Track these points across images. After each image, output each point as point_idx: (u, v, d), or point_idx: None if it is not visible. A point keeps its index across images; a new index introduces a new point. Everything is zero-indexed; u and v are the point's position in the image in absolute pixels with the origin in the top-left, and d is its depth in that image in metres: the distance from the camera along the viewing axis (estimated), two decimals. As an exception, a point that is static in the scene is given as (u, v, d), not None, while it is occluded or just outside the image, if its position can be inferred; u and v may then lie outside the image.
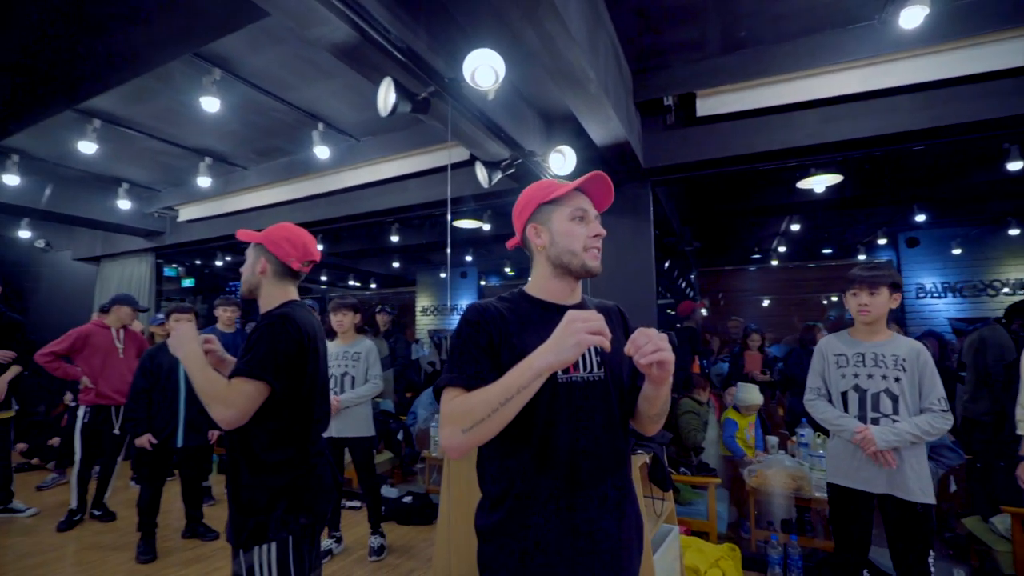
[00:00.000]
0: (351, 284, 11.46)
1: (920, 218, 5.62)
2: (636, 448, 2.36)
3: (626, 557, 1.06)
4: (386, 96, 1.86)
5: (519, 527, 1.00)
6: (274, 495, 1.42)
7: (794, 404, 4.60)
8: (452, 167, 3.64)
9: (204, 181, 4.44)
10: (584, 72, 2.05)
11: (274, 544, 1.40)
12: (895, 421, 1.86)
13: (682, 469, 3.56)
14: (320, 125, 3.70)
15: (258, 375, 1.36)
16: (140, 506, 3.05)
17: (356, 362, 3.20)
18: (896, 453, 1.84)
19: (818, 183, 4.12)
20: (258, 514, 1.40)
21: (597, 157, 3.00)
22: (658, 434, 2.52)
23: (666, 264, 5.94)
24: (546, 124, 2.86)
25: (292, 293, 1.64)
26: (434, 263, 9.67)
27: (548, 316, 1.07)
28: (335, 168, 4.23)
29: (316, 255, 1.70)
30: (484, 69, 1.68)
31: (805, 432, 3.34)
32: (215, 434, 3.33)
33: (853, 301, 1.95)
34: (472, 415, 0.91)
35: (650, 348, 0.88)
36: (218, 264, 8.08)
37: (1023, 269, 5.75)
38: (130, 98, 3.38)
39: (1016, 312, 3.37)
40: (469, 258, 9.02)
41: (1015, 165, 3.54)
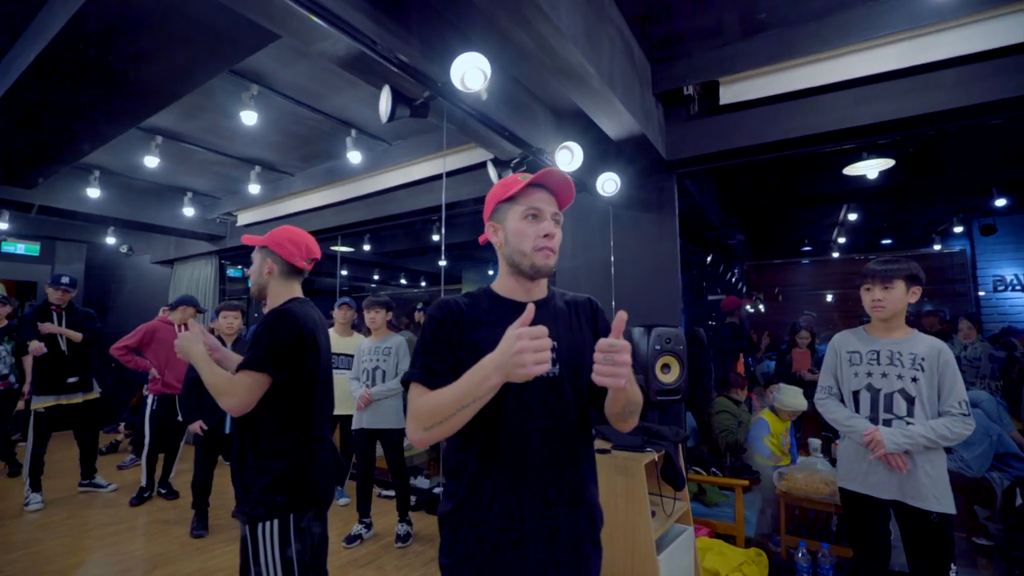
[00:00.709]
0: (401, 283, 11.89)
1: (1000, 203, 5.07)
2: (646, 446, 2.32)
3: (577, 553, 1.07)
4: (385, 103, 1.95)
5: (469, 516, 1.04)
6: (277, 477, 1.54)
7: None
8: (474, 167, 3.71)
9: (255, 188, 4.77)
10: (584, 68, 2.04)
11: (276, 522, 1.53)
12: (909, 423, 1.72)
13: (713, 470, 3.45)
14: (353, 131, 3.88)
15: (259, 368, 1.49)
16: (194, 486, 3.37)
17: (387, 357, 3.34)
18: (909, 457, 1.70)
19: (868, 168, 3.84)
20: (262, 494, 1.53)
21: (613, 151, 2.96)
22: (671, 431, 2.47)
23: (708, 259, 5.72)
24: (557, 120, 2.86)
25: (296, 291, 1.77)
26: (479, 260, 9.83)
27: (504, 312, 1.10)
28: (370, 171, 4.42)
29: (318, 253, 1.82)
30: (472, 72, 1.72)
31: (848, 435, 3.13)
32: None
33: (866, 296, 1.83)
34: (432, 416, 0.96)
35: (605, 371, 0.90)
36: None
37: None
38: (184, 116, 3.71)
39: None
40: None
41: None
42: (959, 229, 5.95)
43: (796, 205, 5.03)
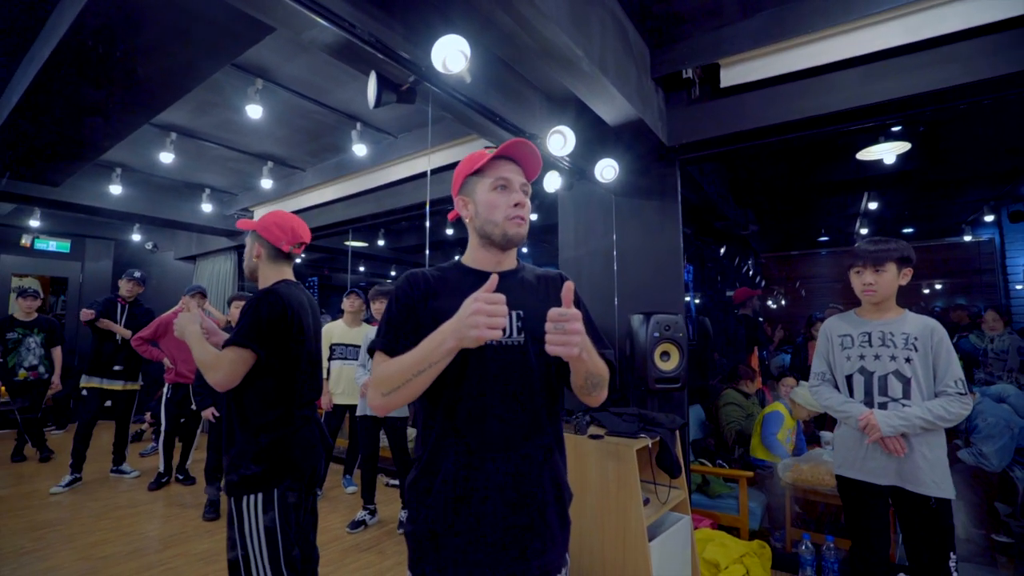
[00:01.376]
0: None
1: (1032, 188, 4.83)
2: (640, 432, 2.30)
3: (540, 522, 1.06)
4: (372, 89, 1.97)
5: (431, 482, 1.05)
6: (261, 452, 1.58)
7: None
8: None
9: (267, 183, 4.88)
10: (571, 50, 2.02)
11: (260, 495, 1.57)
12: (905, 406, 1.66)
13: (719, 462, 3.40)
14: (358, 125, 3.93)
15: (243, 343, 1.53)
16: (206, 471, 3.47)
17: (391, 346, 3.38)
18: (906, 441, 1.64)
19: (884, 153, 3.70)
20: (247, 468, 1.57)
21: (612, 137, 2.92)
22: (667, 418, 2.44)
23: (722, 250, 5.60)
24: (551, 106, 2.83)
25: (286, 274, 1.81)
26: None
27: (471, 283, 1.10)
28: (378, 165, 4.47)
29: (305, 237, 1.86)
30: (453, 54, 1.72)
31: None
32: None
33: (857, 280, 1.76)
34: (390, 382, 0.98)
35: (556, 339, 0.89)
36: (296, 261, 8.83)
37: None
38: (195, 112, 3.82)
39: None
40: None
41: None
42: (990, 218, 5.68)
43: (812, 194, 4.88)
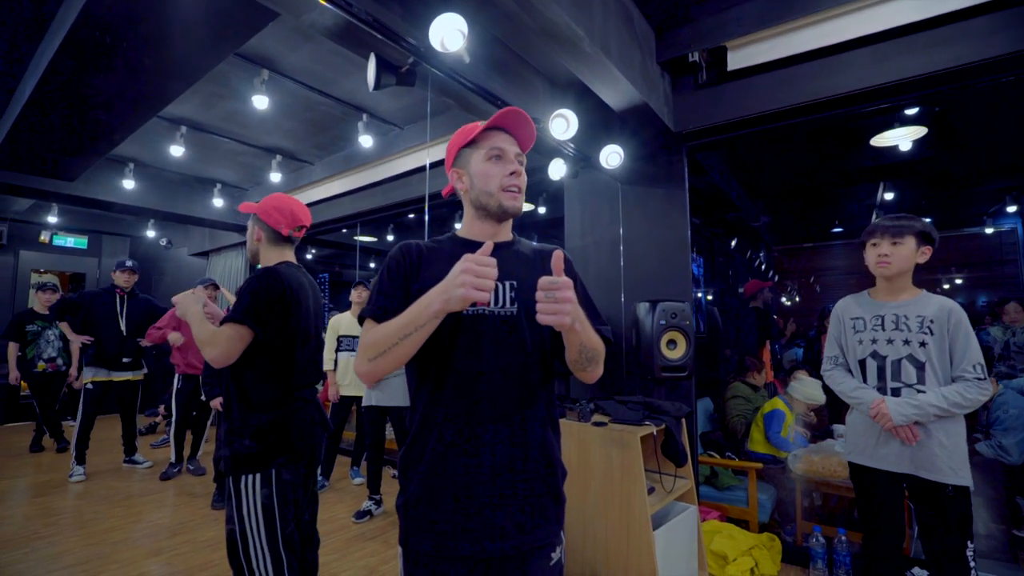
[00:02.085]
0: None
1: (1056, 177, 4.67)
2: (645, 420, 2.26)
3: (531, 497, 1.04)
4: (371, 71, 1.96)
5: (420, 453, 1.04)
6: (258, 431, 1.58)
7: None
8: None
9: (276, 176, 4.92)
10: (571, 30, 1.98)
11: (258, 475, 1.57)
12: (919, 392, 1.59)
13: (728, 454, 3.34)
14: (364, 116, 3.93)
15: (241, 320, 1.53)
16: (214, 460, 3.50)
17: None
18: (922, 428, 1.58)
19: (900, 139, 3.60)
20: (240, 444, 1.57)
21: (617, 124, 2.88)
22: (673, 407, 2.40)
23: (733, 243, 5.51)
24: (554, 90, 2.80)
25: (288, 256, 1.82)
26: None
27: (464, 253, 1.09)
28: (384, 157, 4.47)
29: (305, 220, 1.86)
30: (451, 33, 1.70)
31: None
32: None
33: (872, 252, 1.70)
34: (376, 346, 0.97)
35: (547, 308, 0.87)
36: (307, 257, 8.89)
37: None
38: (203, 105, 3.85)
39: None
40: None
41: None
42: (1012, 209, 5.51)
43: (825, 184, 4.77)
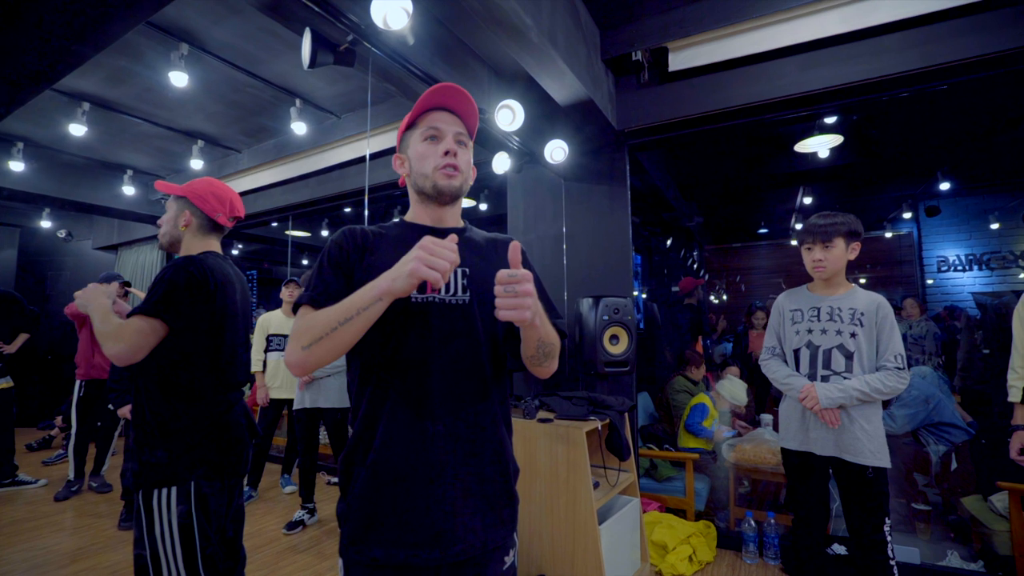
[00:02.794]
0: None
1: (945, 186, 5.23)
2: (590, 415, 2.26)
3: (484, 494, 0.98)
4: (306, 47, 1.82)
5: (365, 453, 0.95)
6: (175, 439, 1.41)
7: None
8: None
9: (198, 164, 4.52)
10: (519, 16, 1.94)
11: (174, 488, 1.39)
12: (846, 379, 1.70)
13: (666, 446, 3.44)
14: (297, 101, 3.70)
15: (151, 312, 1.36)
16: (121, 474, 3.15)
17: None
18: (845, 413, 1.68)
19: (819, 146, 3.87)
20: (152, 456, 1.39)
21: (561, 118, 2.88)
22: (617, 401, 2.42)
23: (668, 242, 5.73)
24: (499, 80, 2.76)
25: (214, 247, 1.64)
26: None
27: (412, 237, 1.01)
28: (320, 146, 4.23)
29: (241, 211, 1.70)
30: (394, 10, 1.60)
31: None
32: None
33: (807, 256, 1.80)
34: (312, 332, 0.87)
35: (508, 303, 0.82)
36: (234, 252, 8.31)
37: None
38: (110, 80, 3.46)
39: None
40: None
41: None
42: (908, 215, 6.13)
43: (754, 187, 5.06)
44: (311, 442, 3.16)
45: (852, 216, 1.77)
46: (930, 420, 3.15)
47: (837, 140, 3.62)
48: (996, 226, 5.55)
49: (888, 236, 6.20)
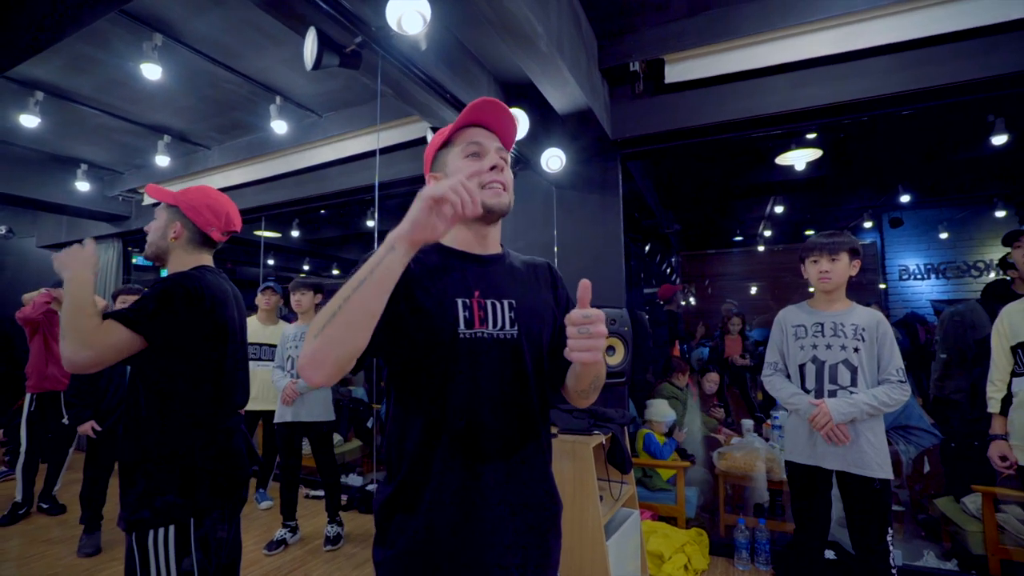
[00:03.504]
0: (334, 273, 11.28)
1: (905, 199, 5.52)
2: (593, 428, 2.24)
3: (542, 538, 0.94)
4: (311, 49, 1.72)
5: (414, 499, 0.88)
6: (171, 473, 1.29)
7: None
8: (411, 143, 3.50)
9: (163, 160, 4.25)
10: (531, 24, 1.90)
11: (172, 528, 1.28)
12: (852, 393, 1.76)
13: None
14: (277, 98, 3.53)
15: (134, 324, 1.21)
16: (83, 498, 2.92)
17: (314, 345, 3.06)
18: (852, 427, 1.74)
19: (797, 159, 4.00)
20: (153, 495, 1.27)
21: (558, 127, 2.86)
22: (617, 414, 2.41)
23: (647, 248, 5.81)
24: (502, 89, 2.71)
25: (206, 261, 1.52)
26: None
27: (455, 264, 0.97)
28: (298, 146, 4.06)
29: (238, 225, 1.58)
30: (410, 14, 1.54)
31: (779, 415, 3.23)
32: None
33: (813, 269, 1.85)
34: (323, 315, 0.75)
35: (582, 345, 0.77)
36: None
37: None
38: (70, 69, 3.20)
39: (993, 291, 3.27)
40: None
41: (1000, 139, 3.42)
42: (868, 224, 6.44)
43: (730, 196, 5.20)
44: (293, 457, 3.02)
45: (853, 236, 1.84)
46: (898, 423, 3.30)
47: (817, 154, 3.76)
48: (945, 236, 5.91)
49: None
